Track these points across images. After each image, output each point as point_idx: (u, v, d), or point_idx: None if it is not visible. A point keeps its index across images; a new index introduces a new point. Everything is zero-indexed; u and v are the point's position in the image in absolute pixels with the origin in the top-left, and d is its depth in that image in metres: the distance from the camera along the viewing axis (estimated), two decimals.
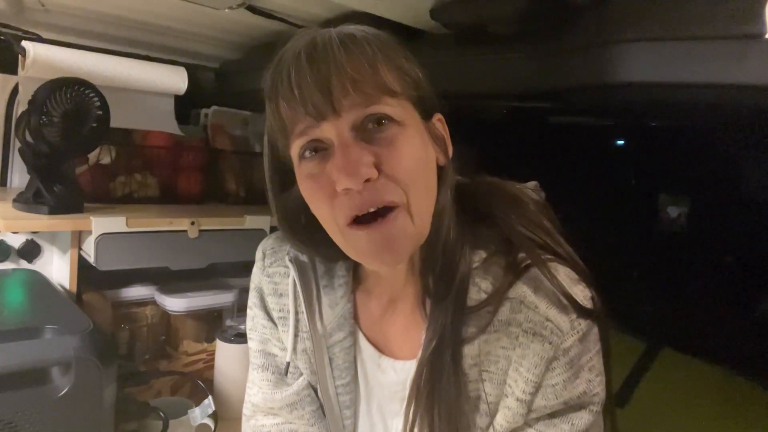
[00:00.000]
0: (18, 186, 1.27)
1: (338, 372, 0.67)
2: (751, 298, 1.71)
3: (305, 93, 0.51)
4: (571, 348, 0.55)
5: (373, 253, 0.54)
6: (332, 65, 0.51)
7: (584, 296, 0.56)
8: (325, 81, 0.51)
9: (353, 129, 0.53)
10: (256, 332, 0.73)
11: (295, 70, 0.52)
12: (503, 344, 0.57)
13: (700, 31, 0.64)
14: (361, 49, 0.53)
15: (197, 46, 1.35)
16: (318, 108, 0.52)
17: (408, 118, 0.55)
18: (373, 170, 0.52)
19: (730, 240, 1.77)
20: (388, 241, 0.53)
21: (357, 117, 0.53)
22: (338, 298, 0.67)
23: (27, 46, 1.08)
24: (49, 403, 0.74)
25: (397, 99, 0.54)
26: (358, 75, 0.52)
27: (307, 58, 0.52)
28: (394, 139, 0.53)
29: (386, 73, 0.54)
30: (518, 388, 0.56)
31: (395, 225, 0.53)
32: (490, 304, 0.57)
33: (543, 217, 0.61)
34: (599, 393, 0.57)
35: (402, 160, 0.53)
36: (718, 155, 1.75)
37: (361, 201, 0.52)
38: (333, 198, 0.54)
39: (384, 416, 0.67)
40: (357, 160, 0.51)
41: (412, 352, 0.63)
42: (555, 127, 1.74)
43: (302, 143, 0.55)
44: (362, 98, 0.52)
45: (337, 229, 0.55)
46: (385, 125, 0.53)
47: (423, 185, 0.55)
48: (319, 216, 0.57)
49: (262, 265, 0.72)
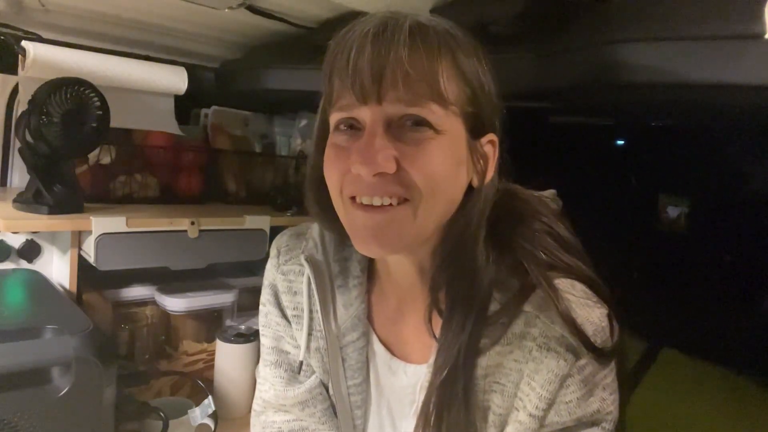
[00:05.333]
0: (18, 186, 1.26)
1: (351, 372, 0.67)
2: (751, 298, 1.71)
3: (358, 73, 0.51)
4: (587, 366, 0.55)
5: (362, 237, 0.55)
6: (392, 54, 0.50)
7: (598, 320, 0.55)
8: (379, 67, 0.51)
9: (389, 121, 0.53)
10: (269, 329, 0.73)
11: (356, 47, 0.52)
12: (516, 357, 0.57)
13: (701, 31, 0.64)
14: (428, 46, 0.51)
15: (197, 46, 1.35)
16: (364, 90, 0.51)
17: (449, 129, 0.53)
18: (391, 165, 0.52)
19: (730, 240, 1.77)
20: (380, 231, 0.54)
21: (397, 111, 0.52)
22: (353, 299, 0.67)
23: (27, 46, 1.07)
24: (49, 403, 0.73)
25: (446, 108, 0.53)
26: (414, 72, 0.50)
27: (372, 39, 0.51)
28: (424, 142, 0.52)
29: (446, 78, 0.52)
30: (531, 403, 0.55)
31: (393, 218, 0.53)
32: (505, 316, 0.57)
33: (559, 229, 0.61)
34: (612, 411, 0.57)
35: (424, 164, 0.52)
36: (718, 155, 1.75)
37: (367, 190, 0.53)
38: (345, 173, 0.55)
39: (393, 418, 0.67)
40: (378, 151, 0.51)
41: (422, 356, 0.63)
42: (555, 127, 1.74)
43: (341, 116, 0.55)
44: (409, 96, 0.51)
45: (341, 200, 0.57)
46: (421, 129, 0.52)
47: (438, 195, 0.54)
48: (329, 182, 0.58)
49: (277, 263, 0.72)
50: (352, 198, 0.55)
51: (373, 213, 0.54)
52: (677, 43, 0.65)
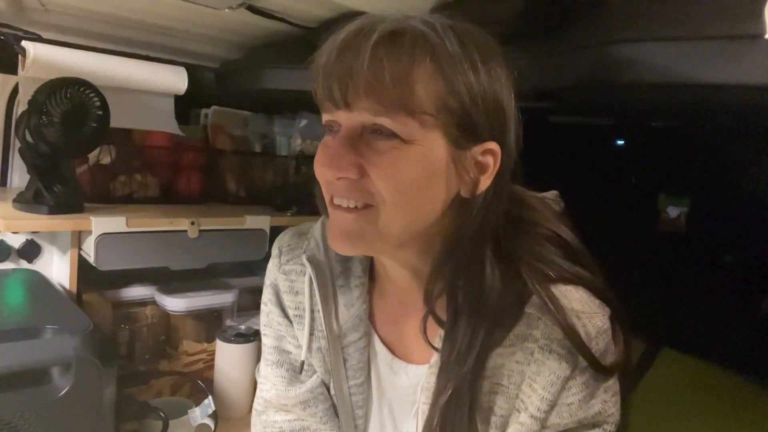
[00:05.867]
0: (18, 186, 1.26)
1: (352, 372, 0.67)
2: (751, 298, 1.71)
3: (327, 79, 0.52)
4: (588, 368, 0.55)
5: (332, 234, 0.57)
6: (357, 62, 0.49)
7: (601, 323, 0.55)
8: (345, 75, 0.51)
9: (359, 128, 0.53)
10: (271, 329, 0.73)
11: (329, 52, 0.52)
12: (518, 359, 0.57)
13: (701, 31, 0.64)
14: (397, 54, 0.49)
15: (197, 46, 1.35)
16: (333, 97, 0.52)
17: (420, 139, 0.51)
18: (353, 171, 0.52)
19: (730, 240, 1.77)
20: (345, 230, 0.55)
21: (365, 120, 0.52)
22: (354, 299, 0.67)
23: (27, 46, 1.07)
24: (49, 403, 0.74)
25: (416, 118, 0.50)
26: (377, 82, 0.49)
27: (343, 45, 0.51)
28: (390, 152, 0.51)
29: (418, 88, 0.50)
30: (532, 405, 0.55)
31: (356, 219, 0.54)
32: (508, 317, 0.57)
33: (563, 233, 0.60)
34: (614, 413, 0.57)
35: (386, 174, 0.52)
36: (718, 155, 1.75)
37: (336, 191, 0.55)
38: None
39: (394, 418, 0.67)
40: (340, 156, 0.52)
41: (424, 356, 0.63)
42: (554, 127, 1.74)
43: (326, 119, 0.57)
44: (374, 105, 0.50)
45: (325, 198, 0.58)
46: (387, 138, 0.51)
47: (403, 204, 0.53)
48: (318, 180, 0.59)
49: (279, 262, 0.72)
50: (331, 197, 0.56)
51: (343, 213, 0.55)
52: (677, 43, 0.65)
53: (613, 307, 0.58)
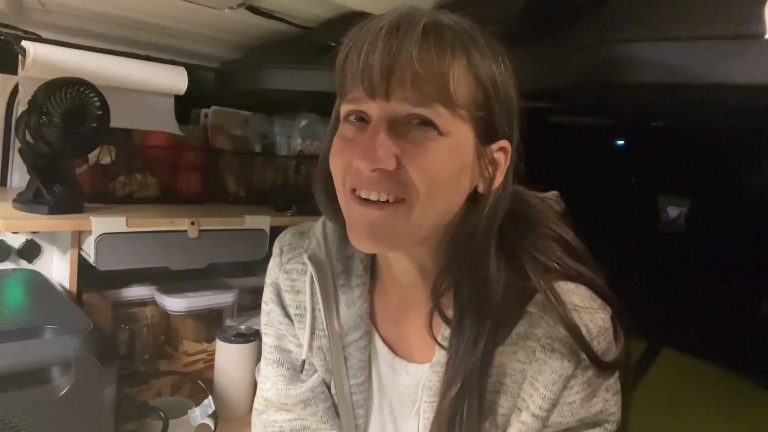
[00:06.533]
0: (18, 186, 1.26)
1: (353, 371, 0.67)
2: (751, 298, 1.71)
3: (368, 68, 0.51)
4: (590, 367, 0.55)
5: (357, 231, 0.55)
6: (402, 52, 0.50)
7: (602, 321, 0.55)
8: (389, 64, 0.50)
9: (395, 118, 0.52)
10: (271, 328, 0.73)
11: (369, 42, 0.51)
12: (519, 358, 0.57)
13: (700, 31, 0.64)
14: (441, 46, 0.51)
15: (197, 46, 1.35)
16: (373, 86, 0.51)
17: (455, 132, 0.52)
18: (391, 162, 0.51)
19: (730, 240, 1.77)
20: (374, 227, 0.54)
21: (404, 110, 0.52)
22: (355, 298, 0.67)
23: (27, 46, 1.07)
24: (49, 403, 0.74)
25: (453, 111, 0.52)
26: (423, 71, 0.50)
27: (385, 35, 0.51)
28: (427, 143, 0.52)
29: (457, 81, 0.51)
30: (534, 404, 0.56)
31: (388, 215, 0.53)
32: (511, 314, 0.57)
33: (564, 233, 0.61)
34: (615, 413, 0.57)
35: (424, 164, 0.52)
36: (718, 155, 1.75)
37: (366, 184, 0.53)
38: (349, 165, 0.55)
39: (395, 417, 0.67)
40: (379, 147, 0.51)
41: (425, 355, 0.63)
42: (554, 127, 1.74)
43: (350, 108, 0.55)
44: (416, 96, 0.51)
45: (343, 191, 0.57)
46: (425, 129, 0.52)
47: (436, 197, 0.53)
48: (333, 172, 0.58)
49: (280, 261, 0.72)
50: (353, 190, 0.55)
51: (370, 208, 0.54)
52: (677, 43, 0.65)
53: (614, 306, 0.58)
